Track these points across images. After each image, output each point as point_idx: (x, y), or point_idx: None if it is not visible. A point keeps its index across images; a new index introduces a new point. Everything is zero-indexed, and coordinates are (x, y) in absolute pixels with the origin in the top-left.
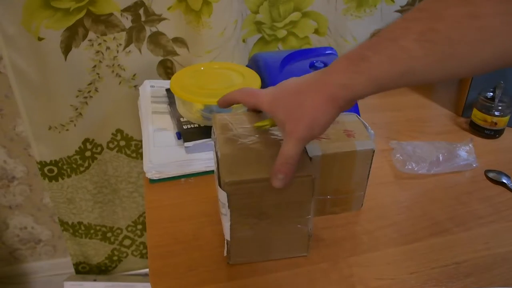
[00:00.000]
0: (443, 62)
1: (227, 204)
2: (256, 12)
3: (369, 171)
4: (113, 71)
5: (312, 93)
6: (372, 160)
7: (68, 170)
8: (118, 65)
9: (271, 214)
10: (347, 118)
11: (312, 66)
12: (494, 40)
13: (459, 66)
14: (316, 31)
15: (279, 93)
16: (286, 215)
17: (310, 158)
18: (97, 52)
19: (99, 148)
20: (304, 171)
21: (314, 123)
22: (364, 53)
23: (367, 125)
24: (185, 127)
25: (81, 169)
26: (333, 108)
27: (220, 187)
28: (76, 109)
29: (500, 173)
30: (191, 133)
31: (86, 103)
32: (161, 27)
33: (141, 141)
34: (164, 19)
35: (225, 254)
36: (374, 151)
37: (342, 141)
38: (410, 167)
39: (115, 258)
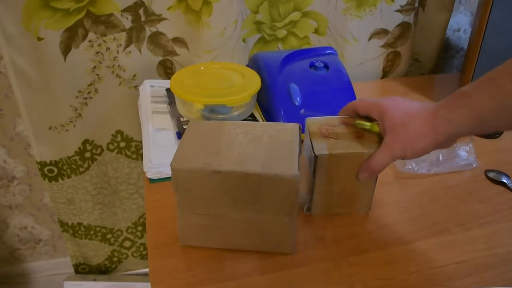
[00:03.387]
0: None
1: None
2: (256, 12)
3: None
4: (113, 72)
5: (419, 119)
6: None
7: (68, 170)
8: (118, 65)
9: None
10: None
11: (312, 66)
12: None
13: None
14: (316, 31)
15: (391, 105)
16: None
17: (316, 156)
18: (97, 53)
19: (98, 149)
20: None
21: (409, 146)
22: (466, 90)
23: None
24: (185, 126)
25: (81, 169)
26: (432, 140)
27: None
28: (76, 109)
29: (500, 173)
30: None
31: (86, 104)
32: (161, 27)
33: (141, 142)
34: (164, 19)
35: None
36: None
37: (351, 142)
38: (410, 167)
39: (115, 259)
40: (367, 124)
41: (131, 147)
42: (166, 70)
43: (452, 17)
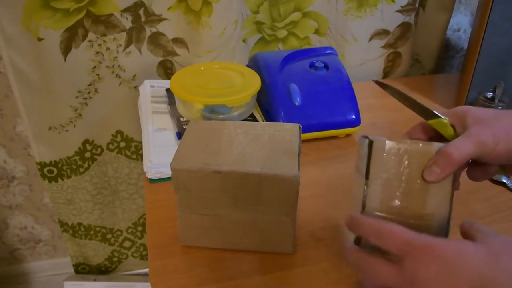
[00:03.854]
0: None
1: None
2: (256, 12)
3: (453, 188)
4: (113, 72)
5: None
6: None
7: (68, 171)
8: (118, 65)
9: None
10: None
11: (312, 66)
12: None
13: None
14: (317, 31)
15: (473, 108)
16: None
17: (372, 142)
18: (97, 53)
19: (98, 149)
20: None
21: (503, 137)
22: None
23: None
24: (185, 127)
25: (81, 170)
26: None
27: None
28: (76, 110)
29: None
30: None
31: (86, 104)
32: (161, 27)
33: (141, 142)
34: (164, 19)
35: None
36: None
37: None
38: None
39: (115, 259)
40: (444, 118)
41: (131, 147)
42: (166, 70)
43: (452, 17)
